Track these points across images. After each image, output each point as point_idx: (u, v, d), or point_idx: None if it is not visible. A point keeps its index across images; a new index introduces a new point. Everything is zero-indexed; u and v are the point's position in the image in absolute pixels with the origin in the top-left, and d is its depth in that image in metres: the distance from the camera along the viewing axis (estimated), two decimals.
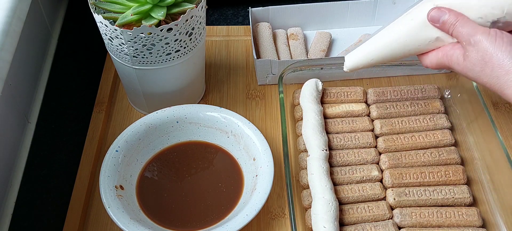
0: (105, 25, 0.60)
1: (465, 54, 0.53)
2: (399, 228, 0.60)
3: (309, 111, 0.68)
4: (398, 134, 0.68)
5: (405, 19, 0.57)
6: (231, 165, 0.65)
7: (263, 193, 0.59)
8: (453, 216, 0.60)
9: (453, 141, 0.67)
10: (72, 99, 0.76)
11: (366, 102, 0.72)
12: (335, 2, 0.82)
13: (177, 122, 0.67)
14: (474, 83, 0.68)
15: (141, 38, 0.60)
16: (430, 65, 0.58)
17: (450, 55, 0.55)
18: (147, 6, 0.59)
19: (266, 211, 0.64)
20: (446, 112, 0.71)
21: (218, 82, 0.77)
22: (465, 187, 0.63)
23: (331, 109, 0.70)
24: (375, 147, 0.67)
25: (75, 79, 0.79)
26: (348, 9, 0.83)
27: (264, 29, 0.80)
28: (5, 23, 0.64)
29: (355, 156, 0.65)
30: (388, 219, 0.61)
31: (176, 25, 0.60)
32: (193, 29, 0.63)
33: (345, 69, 0.62)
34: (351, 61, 0.61)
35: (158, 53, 0.62)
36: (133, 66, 0.64)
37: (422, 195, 0.62)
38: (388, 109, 0.70)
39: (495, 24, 0.53)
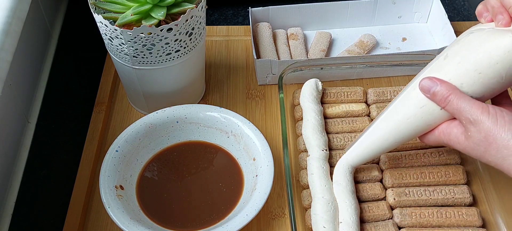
0: (105, 25, 0.60)
1: (466, 134, 0.50)
2: (399, 228, 0.60)
3: (309, 111, 0.68)
4: None
5: (398, 104, 0.56)
6: (231, 165, 0.66)
7: (263, 193, 0.59)
8: (453, 216, 0.60)
9: None
10: (72, 99, 0.76)
11: (366, 102, 0.72)
12: (335, 2, 0.82)
13: (177, 122, 0.67)
14: None
15: (141, 38, 0.60)
16: (429, 144, 0.56)
17: (447, 134, 0.53)
18: (147, 6, 0.59)
19: (266, 211, 0.64)
20: None
21: (218, 82, 0.77)
22: (465, 187, 0.63)
23: (331, 110, 0.70)
24: None
25: (75, 79, 0.79)
26: (348, 9, 0.83)
27: (264, 29, 0.80)
28: (5, 23, 0.64)
29: None
30: (388, 219, 0.61)
31: (176, 25, 0.60)
32: (193, 29, 0.63)
33: (353, 164, 0.61)
34: (354, 159, 0.60)
35: (158, 53, 0.62)
36: (133, 66, 0.64)
37: (422, 195, 0.62)
38: None
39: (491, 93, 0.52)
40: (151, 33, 0.59)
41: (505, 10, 0.51)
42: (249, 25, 0.80)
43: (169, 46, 0.62)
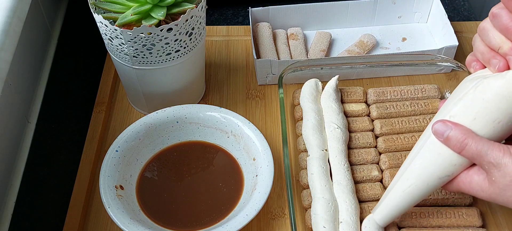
0: (105, 25, 0.60)
1: (489, 179, 0.47)
2: (399, 228, 0.60)
3: (309, 111, 0.68)
4: (398, 134, 0.68)
5: (417, 159, 0.53)
6: (231, 165, 0.66)
7: (263, 193, 0.59)
8: (453, 216, 0.60)
9: None
10: (72, 99, 0.76)
11: (366, 102, 0.72)
12: (335, 2, 0.82)
13: (177, 122, 0.67)
14: None
15: (141, 38, 0.60)
16: (452, 191, 0.53)
17: (468, 182, 0.49)
18: (147, 6, 0.59)
19: (266, 211, 0.64)
20: None
21: (218, 82, 0.77)
22: None
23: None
24: (375, 147, 0.67)
25: (75, 79, 0.79)
26: (348, 9, 0.83)
27: (264, 29, 0.80)
28: (5, 23, 0.64)
29: (355, 156, 0.65)
30: None
31: (176, 25, 0.60)
32: (193, 29, 0.63)
33: (381, 225, 0.58)
34: (383, 219, 0.57)
35: (158, 53, 0.62)
36: (133, 66, 0.64)
37: None
38: (388, 109, 0.70)
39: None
40: (151, 33, 0.59)
41: (497, 53, 0.49)
42: (249, 25, 0.80)
43: (169, 46, 0.62)
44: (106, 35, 0.62)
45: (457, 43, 0.76)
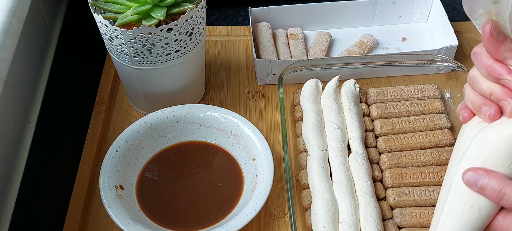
0: (105, 25, 0.60)
1: None
2: (399, 228, 0.60)
3: (309, 111, 0.68)
4: (398, 134, 0.68)
5: (446, 210, 0.47)
6: (231, 165, 0.66)
7: (263, 193, 0.59)
8: None
9: (453, 141, 0.67)
10: (72, 99, 0.76)
11: (366, 102, 0.72)
12: (335, 2, 0.82)
13: (177, 122, 0.67)
14: None
15: (141, 38, 0.60)
16: None
17: (506, 227, 0.45)
18: (147, 6, 0.59)
19: (266, 211, 0.64)
20: (446, 112, 0.71)
21: (218, 82, 0.77)
22: None
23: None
24: (375, 147, 0.67)
25: (75, 79, 0.79)
26: (348, 9, 0.83)
27: (264, 29, 0.80)
28: (5, 23, 0.64)
29: None
30: (388, 219, 0.61)
31: (176, 25, 0.60)
32: (193, 29, 0.63)
33: None
34: None
35: (158, 53, 0.62)
36: (133, 66, 0.64)
37: (422, 195, 0.62)
38: (388, 109, 0.70)
39: None
40: (151, 33, 0.59)
41: (488, 100, 0.46)
42: (249, 25, 0.80)
43: (169, 46, 0.62)
44: (106, 35, 0.62)
45: (457, 43, 0.76)
